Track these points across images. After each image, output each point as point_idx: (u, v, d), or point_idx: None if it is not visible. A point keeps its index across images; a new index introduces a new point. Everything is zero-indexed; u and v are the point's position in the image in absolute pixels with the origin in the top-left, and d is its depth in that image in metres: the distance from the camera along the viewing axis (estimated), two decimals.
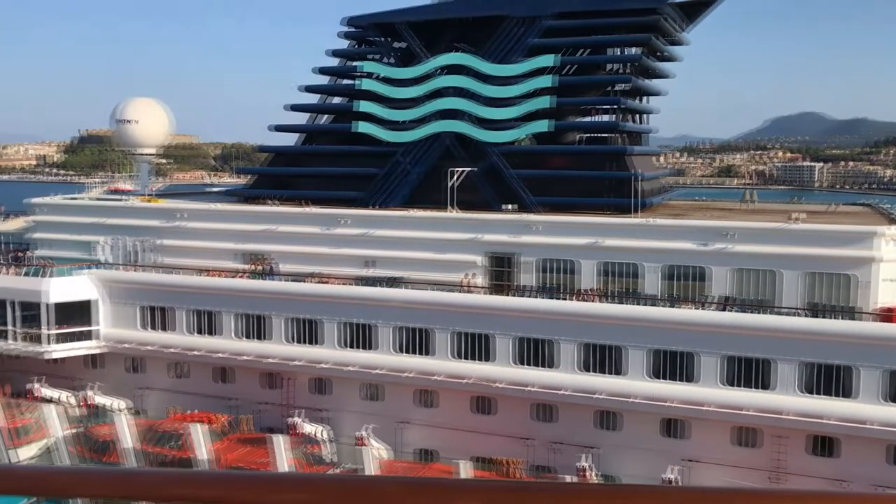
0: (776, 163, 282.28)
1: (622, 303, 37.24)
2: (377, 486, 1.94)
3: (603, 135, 48.86)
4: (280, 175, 49.97)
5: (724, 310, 35.68)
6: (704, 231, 38.06)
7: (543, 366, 36.65)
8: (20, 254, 50.68)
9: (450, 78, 46.09)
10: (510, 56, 45.68)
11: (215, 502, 1.95)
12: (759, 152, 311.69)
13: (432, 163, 46.10)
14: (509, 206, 43.26)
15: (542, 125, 44.76)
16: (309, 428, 38.78)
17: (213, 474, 2.02)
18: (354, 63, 50.35)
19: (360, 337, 39.48)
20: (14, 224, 55.88)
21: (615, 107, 47.60)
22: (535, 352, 36.89)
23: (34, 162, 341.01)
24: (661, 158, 71.57)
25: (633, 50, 47.15)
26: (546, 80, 44.65)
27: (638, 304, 37.07)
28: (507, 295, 39.12)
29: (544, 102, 44.65)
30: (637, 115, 51.78)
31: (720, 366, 34.09)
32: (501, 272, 41.26)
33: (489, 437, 37.03)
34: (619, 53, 48.32)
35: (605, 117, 49.42)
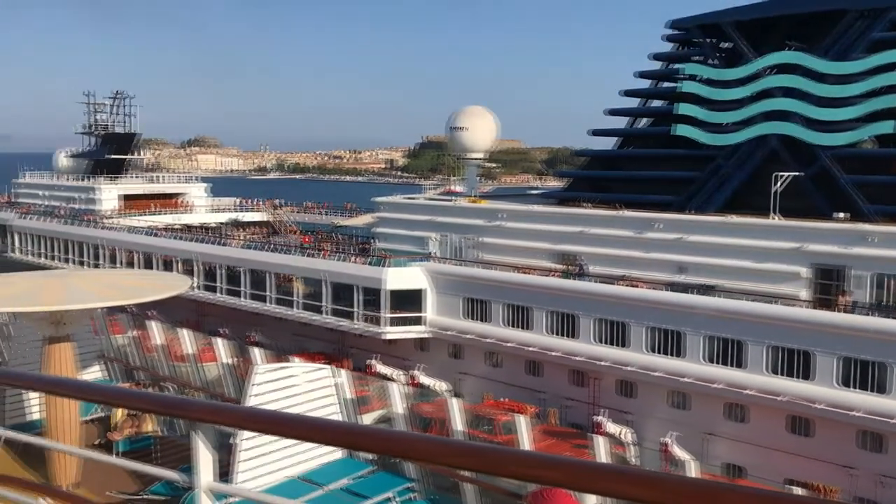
0: None
1: None
2: (725, 493, 1.87)
3: None
4: (595, 178, 50.95)
5: None
6: None
7: (873, 390, 33.39)
8: (366, 245, 57.54)
9: (779, 77, 43.60)
10: (850, 52, 42.02)
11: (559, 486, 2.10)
12: None
13: (755, 167, 44.00)
14: (841, 215, 39.92)
15: (887, 126, 40.56)
16: (614, 428, 39.22)
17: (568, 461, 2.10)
18: (677, 66, 49.71)
19: (668, 343, 39.03)
20: (363, 219, 63.68)
21: None
22: (862, 374, 33.73)
23: (383, 165, 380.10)
24: None
25: None
26: (893, 78, 40.40)
27: None
28: (835, 310, 36.18)
29: (890, 101, 40.44)
30: None
31: None
32: (829, 286, 38.27)
33: (804, 460, 34.62)
34: None
35: None
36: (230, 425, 3.66)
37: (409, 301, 46.85)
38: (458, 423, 39.96)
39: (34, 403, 16.51)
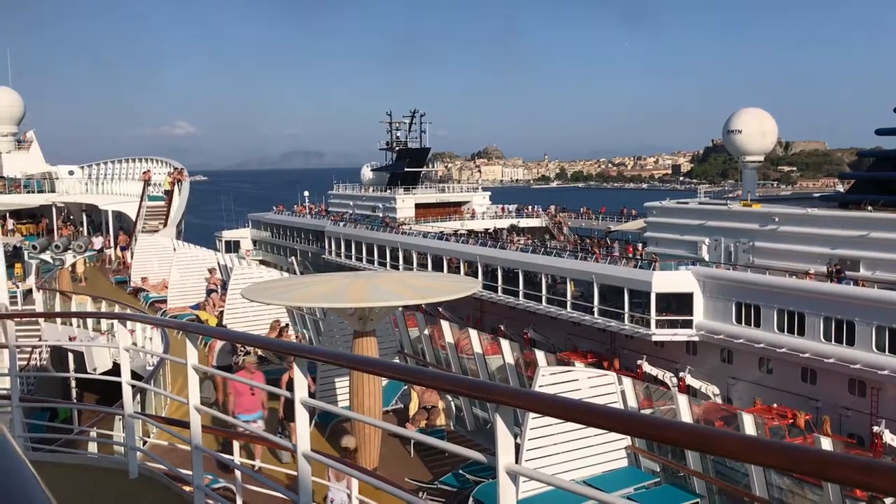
0: None
1: None
2: None
3: None
4: (881, 180, 47.85)
5: None
6: None
7: None
8: (635, 250, 58.91)
9: None
10: None
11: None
12: None
13: None
14: None
15: None
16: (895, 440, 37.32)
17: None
18: None
19: None
20: (634, 224, 65.11)
21: None
22: None
23: (668, 171, 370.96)
24: None
25: None
26: None
27: None
28: None
29: None
30: None
31: None
32: None
33: None
34: None
35: None
36: (529, 409, 3.74)
37: (677, 304, 47.56)
38: (750, 429, 39.47)
39: (342, 392, 17.82)
